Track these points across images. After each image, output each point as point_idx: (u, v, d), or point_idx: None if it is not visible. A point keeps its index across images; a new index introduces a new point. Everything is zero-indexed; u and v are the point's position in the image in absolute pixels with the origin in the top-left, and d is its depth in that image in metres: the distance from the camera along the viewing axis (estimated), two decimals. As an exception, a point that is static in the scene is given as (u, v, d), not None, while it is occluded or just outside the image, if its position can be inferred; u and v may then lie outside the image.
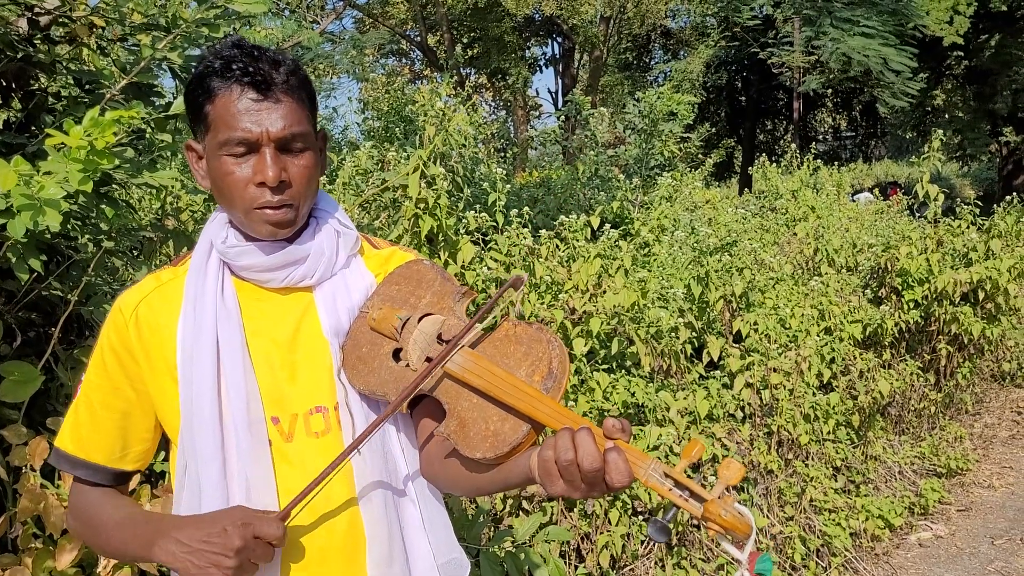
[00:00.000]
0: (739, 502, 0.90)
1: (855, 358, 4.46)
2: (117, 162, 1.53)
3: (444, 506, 1.28)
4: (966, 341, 5.30)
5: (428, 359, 1.15)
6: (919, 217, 7.14)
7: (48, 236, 1.63)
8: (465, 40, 19.85)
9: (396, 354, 1.19)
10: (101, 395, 1.21)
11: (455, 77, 15.34)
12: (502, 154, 10.18)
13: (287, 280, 1.20)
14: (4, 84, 2.04)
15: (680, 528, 3.28)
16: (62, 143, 1.46)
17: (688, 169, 10.37)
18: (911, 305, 5.08)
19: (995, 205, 6.34)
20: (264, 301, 1.21)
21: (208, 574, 1.03)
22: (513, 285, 1.17)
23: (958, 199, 6.36)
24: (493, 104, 22.53)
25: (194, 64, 2.10)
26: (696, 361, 3.99)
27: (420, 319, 1.19)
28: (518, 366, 1.08)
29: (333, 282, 1.25)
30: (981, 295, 5.18)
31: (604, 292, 3.59)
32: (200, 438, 1.13)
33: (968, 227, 5.66)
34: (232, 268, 1.21)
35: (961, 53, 18.86)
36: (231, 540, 1.03)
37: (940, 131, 6.30)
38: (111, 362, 1.20)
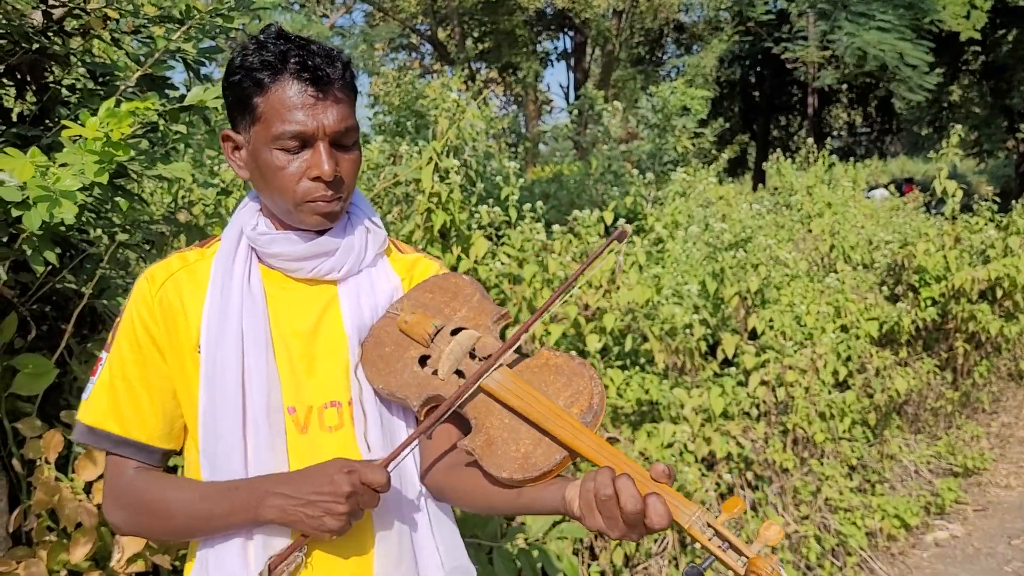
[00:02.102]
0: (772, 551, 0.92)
1: (871, 356, 4.42)
2: (132, 153, 1.52)
3: (451, 513, 1.28)
4: (983, 339, 5.25)
5: (458, 372, 1.14)
6: (935, 214, 7.06)
7: (63, 229, 1.62)
8: (476, 34, 19.80)
9: (422, 360, 1.18)
10: (139, 371, 1.18)
11: (465, 71, 15.32)
12: (513, 149, 10.15)
13: (314, 271, 1.21)
14: (19, 76, 2.04)
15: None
16: (78, 135, 1.45)
17: (701, 165, 10.31)
18: (928, 303, 5.03)
19: (1013, 202, 6.26)
20: (289, 290, 1.22)
21: (323, 523, 1.05)
22: (618, 238, 1.18)
23: (975, 196, 6.28)
24: (504, 99, 22.48)
25: (209, 56, 2.09)
26: (710, 358, 3.96)
27: (454, 331, 1.19)
28: (557, 395, 1.07)
29: (359, 278, 1.25)
30: (999, 293, 5.12)
31: (618, 288, 3.56)
32: (224, 423, 1.14)
33: (986, 224, 5.59)
34: (260, 256, 1.21)
35: (978, 48, 18.68)
36: (340, 487, 1.05)
37: (959, 127, 6.21)
38: (142, 335, 1.18)
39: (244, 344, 1.15)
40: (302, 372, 1.18)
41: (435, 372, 1.16)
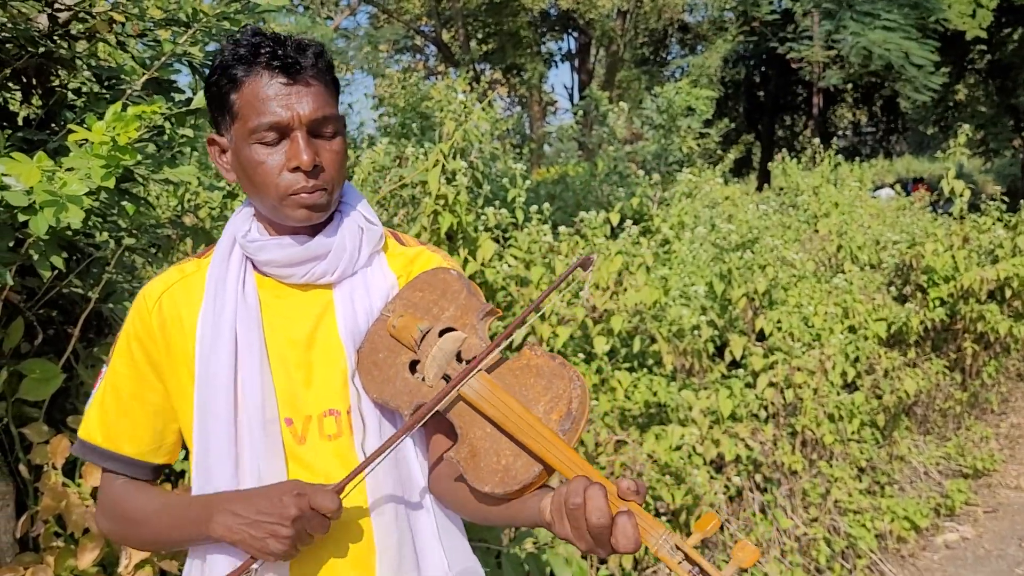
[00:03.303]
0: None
1: (880, 357, 4.39)
2: (139, 157, 1.51)
3: (459, 517, 1.26)
4: (992, 339, 5.21)
5: (445, 376, 1.11)
6: (942, 213, 7.02)
7: (69, 233, 1.62)
8: (480, 35, 19.81)
9: (413, 366, 1.15)
10: (131, 386, 1.19)
11: (470, 73, 15.31)
12: (518, 150, 10.14)
13: (307, 276, 1.18)
14: (25, 80, 2.03)
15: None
16: (84, 139, 1.44)
17: (707, 165, 10.28)
18: (936, 303, 5.00)
19: (1021, 201, 6.22)
20: (284, 298, 1.19)
21: (266, 545, 1.03)
22: (582, 265, 1.14)
23: (982, 195, 6.24)
24: (508, 100, 22.48)
25: (213, 58, 2.09)
26: (718, 360, 3.94)
27: (441, 333, 1.15)
28: (536, 401, 1.04)
29: (353, 281, 1.21)
30: (1008, 293, 5.09)
31: (625, 290, 3.55)
32: (214, 435, 1.12)
33: (994, 223, 5.56)
34: (254, 263, 1.19)
35: (984, 47, 18.62)
36: (287, 510, 1.02)
37: (967, 126, 6.18)
38: (137, 351, 1.18)
39: (238, 354, 1.14)
40: (299, 382, 1.16)
41: (423, 378, 1.13)
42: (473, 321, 1.15)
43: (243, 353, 1.14)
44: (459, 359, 1.13)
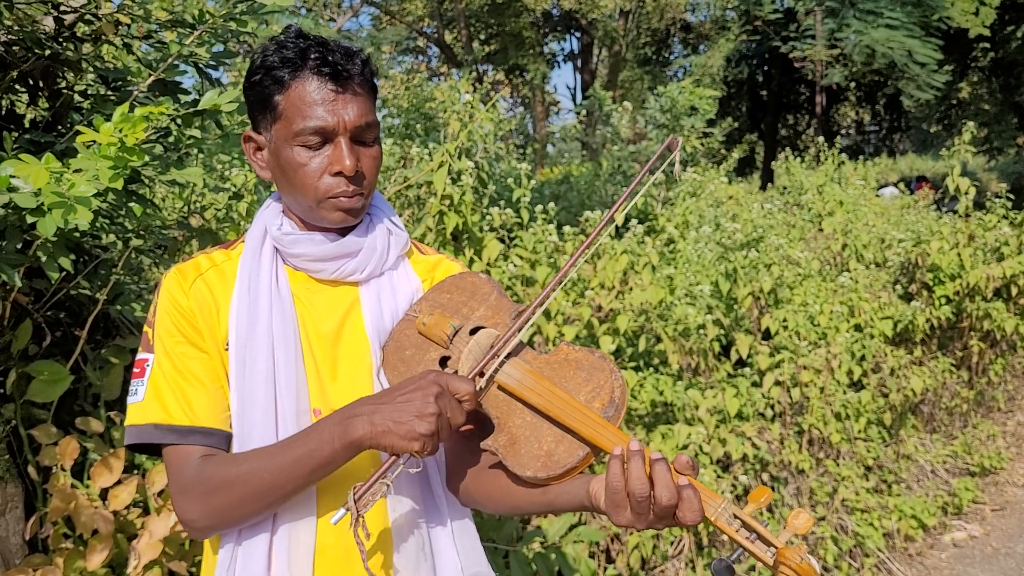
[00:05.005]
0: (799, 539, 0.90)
1: (886, 355, 4.38)
2: (147, 159, 1.51)
3: (472, 519, 1.27)
4: (998, 337, 5.19)
5: (480, 372, 1.13)
6: (947, 211, 7.00)
7: (77, 235, 1.62)
8: (482, 36, 19.82)
9: (442, 362, 1.17)
10: (191, 361, 1.15)
11: (473, 74, 15.31)
12: (522, 150, 10.14)
13: (338, 272, 1.20)
14: (31, 83, 2.03)
15: (710, 529, 3.23)
16: (92, 140, 1.44)
17: (711, 164, 10.27)
18: (942, 301, 4.98)
19: (1026, 198, 6.19)
20: (313, 292, 1.22)
21: (412, 428, 1.00)
22: (669, 146, 1.17)
23: (987, 192, 6.22)
24: (511, 100, 22.49)
25: (221, 61, 2.09)
26: (724, 359, 3.93)
27: (473, 331, 1.18)
28: (577, 391, 1.06)
29: (380, 281, 1.25)
30: (1014, 290, 5.07)
31: (631, 289, 3.54)
32: (255, 423, 1.13)
33: (1000, 221, 5.54)
34: (284, 256, 1.21)
35: (987, 45, 18.55)
36: (430, 388, 1.03)
37: (971, 124, 6.16)
38: (185, 326, 1.17)
39: (274, 346, 1.15)
40: (326, 375, 1.18)
41: (456, 373, 1.15)
42: (505, 320, 1.18)
43: (278, 344, 1.15)
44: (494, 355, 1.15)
